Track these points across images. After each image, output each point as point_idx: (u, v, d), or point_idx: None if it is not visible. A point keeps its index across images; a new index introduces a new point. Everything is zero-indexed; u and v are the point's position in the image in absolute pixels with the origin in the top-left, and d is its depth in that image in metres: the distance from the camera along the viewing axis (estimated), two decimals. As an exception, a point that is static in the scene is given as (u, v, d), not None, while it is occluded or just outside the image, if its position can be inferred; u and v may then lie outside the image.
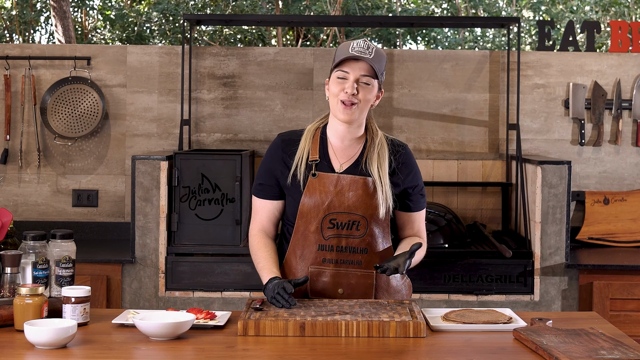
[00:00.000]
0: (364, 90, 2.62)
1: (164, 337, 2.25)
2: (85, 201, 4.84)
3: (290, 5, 12.28)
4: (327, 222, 2.65)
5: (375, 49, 2.63)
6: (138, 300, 4.18)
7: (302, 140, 2.71)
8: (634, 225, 4.67)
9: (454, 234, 4.37)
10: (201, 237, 4.21)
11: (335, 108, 2.64)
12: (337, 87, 2.62)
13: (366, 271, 2.67)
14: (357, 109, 2.62)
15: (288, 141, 2.73)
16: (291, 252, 2.70)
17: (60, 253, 2.53)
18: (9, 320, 2.37)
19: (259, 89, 4.85)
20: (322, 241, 2.66)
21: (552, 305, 4.15)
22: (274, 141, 2.76)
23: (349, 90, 2.59)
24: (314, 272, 2.66)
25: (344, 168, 2.69)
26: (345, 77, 2.61)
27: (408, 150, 2.77)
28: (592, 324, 2.46)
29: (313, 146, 2.70)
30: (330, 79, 2.67)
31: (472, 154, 4.85)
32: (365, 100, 2.62)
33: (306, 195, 2.65)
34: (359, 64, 2.61)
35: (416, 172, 2.75)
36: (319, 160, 2.69)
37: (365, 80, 2.61)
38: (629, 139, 4.82)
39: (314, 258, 2.66)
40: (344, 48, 2.63)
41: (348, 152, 2.71)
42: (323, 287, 2.66)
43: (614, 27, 4.88)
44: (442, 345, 2.25)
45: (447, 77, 4.85)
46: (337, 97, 2.62)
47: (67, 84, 4.82)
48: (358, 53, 2.59)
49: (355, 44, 2.62)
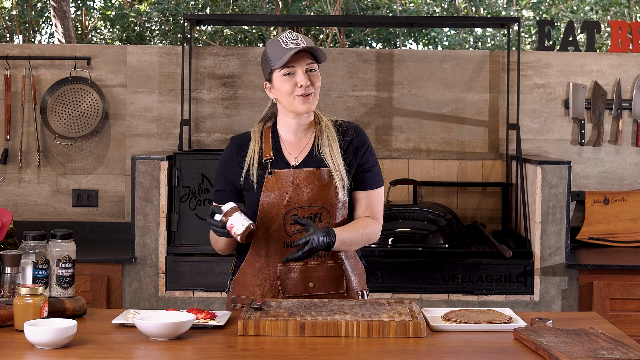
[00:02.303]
0: (313, 77, 2.66)
1: (164, 337, 2.25)
2: (85, 201, 4.85)
3: (290, 5, 12.28)
4: (289, 219, 2.65)
5: (302, 36, 2.65)
6: (138, 300, 4.18)
7: (251, 142, 2.72)
8: (634, 225, 4.67)
9: (454, 234, 4.37)
10: (201, 237, 4.20)
11: (293, 104, 2.65)
12: (287, 84, 2.63)
13: (335, 262, 2.69)
14: (314, 97, 2.67)
15: (241, 144, 2.74)
16: (254, 253, 2.69)
17: (60, 253, 2.53)
18: (9, 320, 2.36)
19: (259, 89, 4.86)
20: (287, 238, 2.65)
21: (552, 305, 4.15)
22: (228, 146, 2.78)
23: (304, 83, 2.62)
24: (283, 270, 2.66)
25: (299, 161, 2.70)
26: (292, 71, 2.63)
27: (359, 130, 2.77)
28: (592, 324, 2.46)
29: (265, 145, 2.71)
30: (273, 81, 2.67)
31: (472, 154, 4.85)
32: (317, 87, 2.68)
33: (265, 194, 2.65)
34: (300, 55, 2.63)
35: (369, 150, 2.75)
36: (273, 158, 2.69)
37: (311, 67, 2.66)
38: (629, 139, 4.82)
39: (280, 256, 2.65)
40: (276, 46, 2.63)
41: (301, 144, 2.73)
42: (294, 284, 2.66)
43: (614, 27, 4.88)
44: (442, 345, 2.25)
45: (447, 77, 4.85)
46: (292, 94, 2.64)
47: (67, 84, 4.82)
48: (294, 45, 2.61)
49: (285, 39, 2.63)
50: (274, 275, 2.67)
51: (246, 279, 2.71)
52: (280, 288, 2.65)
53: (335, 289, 2.68)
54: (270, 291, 2.67)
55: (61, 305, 2.47)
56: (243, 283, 2.72)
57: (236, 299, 2.73)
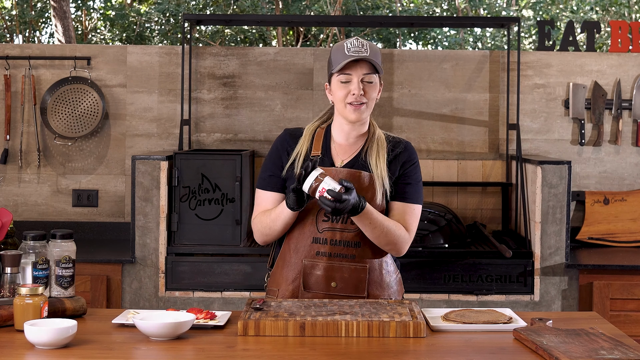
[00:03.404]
0: (369, 88, 2.66)
1: (164, 337, 2.25)
2: (85, 201, 4.85)
3: (290, 5, 12.28)
4: (322, 215, 2.67)
5: (369, 44, 2.66)
6: (138, 300, 4.18)
7: (301, 140, 2.75)
8: (634, 225, 4.67)
9: (454, 234, 4.37)
10: (201, 237, 4.21)
11: (344, 111, 2.68)
12: (342, 91, 2.66)
13: (359, 265, 2.68)
14: (366, 107, 2.67)
15: (293, 136, 2.77)
16: (286, 244, 2.73)
17: (60, 253, 2.53)
18: (9, 320, 2.37)
19: (259, 89, 4.86)
20: (317, 234, 2.67)
21: (552, 305, 4.15)
22: (281, 135, 2.80)
23: (357, 92, 2.64)
24: (308, 265, 2.67)
25: (344, 163, 2.72)
26: (348, 79, 2.65)
27: (409, 146, 2.78)
28: (592, 324, 2.46)
29: (316, 143, 2.74)
30: (331, 84, 2.71)
31: (472, 154, 4.85)
32: (371, 98, 2.68)
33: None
34: (359, 63, 2.65)
35: (415, 166, 2.75)
36: (320, 156, 2.72)
37: (368, 79, 2.66)
38: (629, 139, 4.82)
39: (307, 251, 2.68)
40: (340, 51, 2.65)
41: (351, 148, 2.75)
42: (316, 280, 2.67)
43: (614, 27, 4.88)
44: (442, 345, 2.25)
45: (447, 77, 4.85)
46: (344, 101, 2.66)
47: (67, 84, 4.82)
48: (356, 54, 2.63)
49: (349, 45, 2.64)
50: (299, 270, 2.69)
51: (278, 271, 2.75)
52: (303, 283, 2.67)
53: (356, 292, 2.68)
54: (292, 284, 2.69)
55: (61, 305, 2.47)
56: (275, 275, 2.76)
57: (269, 291, 2.77)
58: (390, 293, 2.73)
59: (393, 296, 2.74)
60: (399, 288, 2.78)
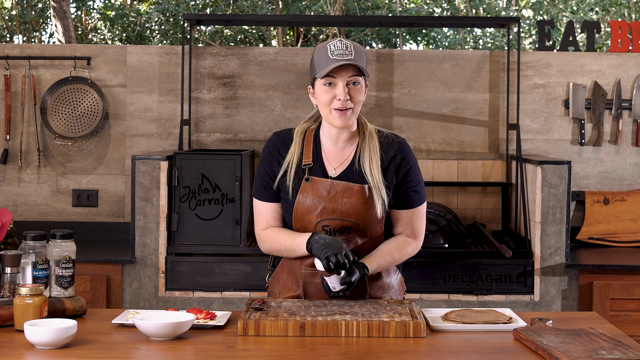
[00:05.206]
0: (354, 92, 2.56)
1: (164, 337, 2.25)
2: (85, 201, 4.85)
3: (290, 5, 12.28)
4: (320, 229, 2.62)
5: (353, 46, 2.56)
6: (138, 300, 4.18)
7: (291, 147, 2.66)
8: (634, 225, 4.67)
9: (454, 234, 4.37)
10: (201, 237, 4.21)
11: (329, 117, 2.58)
12: (326, 95, 2.56)
13: None
14: (352, 113, 2.58)
15: (283, 142, 2.69)
16: None
17: (60, 253, 2.53)
18: (9, 320, 2.36)
19: (259, 89, 4.86)
20: None
21: (552, 305, 4.15)
22: (270, 140, 2.71)
23: (342, 97, 2.54)
24: (307, 273, 2.65)
25: (337, 172, 2.65)
26: (332, 82, 2.55)
27: (403, 146, 2.68)
28: (592, 324, 2.46)
29: (306, 150, 2.66)
30: (315, 88, 2.61)
31: (472, 154, 4.85)
32: (357, 101, 2.58)
33: (299, 200, 2.61)
34: (344, 66, 2.54)
35: (412, 169, 2.67)
36: (312, 164, 2.64)
37: (354, 81, 2.56)
38: (629, 139, 4.82)
39: (307, 259, 2.65)
40: (323, 54, 2.55)
41: (342, 155, 2.67)
42: (316, 289, 2.65)
43: (614, 27, 4.88)
44: (442, 345, 2.25)
45: (447, 77, 4.85)
46: (329, 106, 2.57)
47: (67, 84, 4.82)
48: (340, 57, 2.53)
49: (333, 48, 2.54)
50: (299, 277, 2.67)
51: (280, 275, 2.73)
52: (303, 291, 2.65)
53: (358, 296, 2.65)
54: (291, 291, 2.68)
55: (61, 305, 2.47)
56: (276, 278, 2.74)
57: (271, 292, 2.75)
58: (392, 293, 2.73)
59: (394, 296, 2.74)
60: (400, 287, 2.78)
